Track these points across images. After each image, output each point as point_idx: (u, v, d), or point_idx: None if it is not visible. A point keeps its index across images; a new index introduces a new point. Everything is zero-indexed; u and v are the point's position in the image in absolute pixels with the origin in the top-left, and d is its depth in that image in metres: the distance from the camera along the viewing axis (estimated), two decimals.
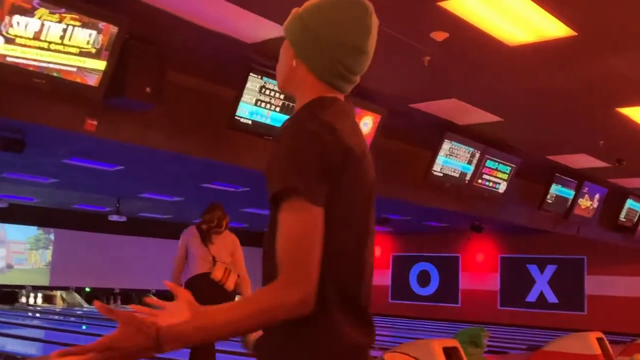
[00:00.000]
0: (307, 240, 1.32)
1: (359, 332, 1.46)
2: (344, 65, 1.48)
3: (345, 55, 1.48)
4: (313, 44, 1.46)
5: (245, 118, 7.38)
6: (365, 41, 1.49)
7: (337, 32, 1.46)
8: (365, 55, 1.51)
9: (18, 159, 9.03)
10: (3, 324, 13.41)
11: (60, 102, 6.59)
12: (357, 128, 1.51)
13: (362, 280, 1.46)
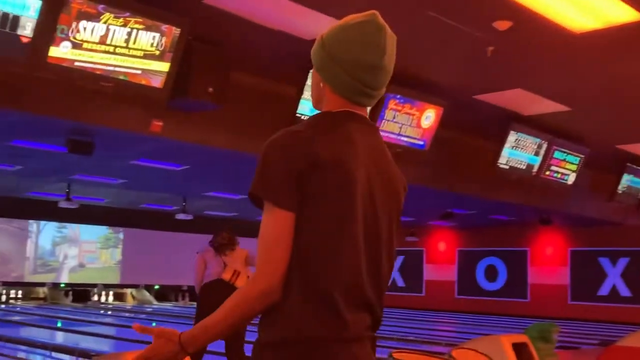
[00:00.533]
0: (272, 239, 1.48)
1: (325, 324, 1.49)
2: (362, 82, 1.59)
3: (363, 73, 1.58)
4: (332, 65, 1.59)
5: (307, 115, 7.40)
6: (380, 58, 1.58)
7: (352, 52, 1.57)
8: (382, 71, 1.60)
9: (88, 161, 9.29)
10: (76, 321, 13.87)
11: (126, 105, 6.75)
12: (359, 135, 1.58)
13: (341, 276, 1.50)
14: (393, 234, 1.65)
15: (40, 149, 9.00)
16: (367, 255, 1.56)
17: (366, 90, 1.61)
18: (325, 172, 1.49)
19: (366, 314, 1.58)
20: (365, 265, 1.55)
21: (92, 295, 18.96)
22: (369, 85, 1.60)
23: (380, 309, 1.64)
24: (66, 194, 13.14)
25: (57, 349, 8.80)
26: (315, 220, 1.49)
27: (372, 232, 1.57)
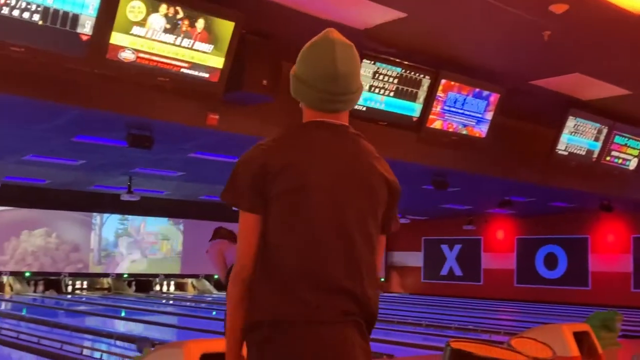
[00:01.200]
0: (241, 236, 1.77)
1: (290, 309, 1.67)
2: (327, 91, 1.82)
3: (324, 84, 1.82)
4: (301, 86, 1.88)
5: (359, 105, 7.40)
6: (333, 67, 1.81)
7: (311, 69, 1.85)
8: (339, 78, 1.81)
9: (148, 155, 9.52)
10: (139, 311, 14.24)
11: (183, 99, 6.89)
12: (321, 142, 1.80)
13: (302, 266, 1.69)
14: (369, 224, 1.78)
15: (102, 144, 9.26)
16: (336, 247, 1.71)
17: (332, 97, 1.83)
18: (277, 177, 1.72)
19: (340, 299, 1.69)
20: (332, 255, 1.70)
21: (154, 285, 19.42)
22: (333, 92, 1.82)
23: (363, 294, 1.73)
24: (128, 187, 13.48)
25: (121, 338, 9.06)
26: (274, 219, 1.72)
27: (338, 225, 1.72)
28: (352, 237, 1.74)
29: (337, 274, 1.70)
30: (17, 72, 5.91)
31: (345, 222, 1.74)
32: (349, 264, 1.72)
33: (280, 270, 1.70)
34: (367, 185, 1.80)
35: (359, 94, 1.90)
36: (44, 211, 17.06)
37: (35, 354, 7.63)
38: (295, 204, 1.72)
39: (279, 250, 1.71)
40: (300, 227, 1.71)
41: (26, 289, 17.24)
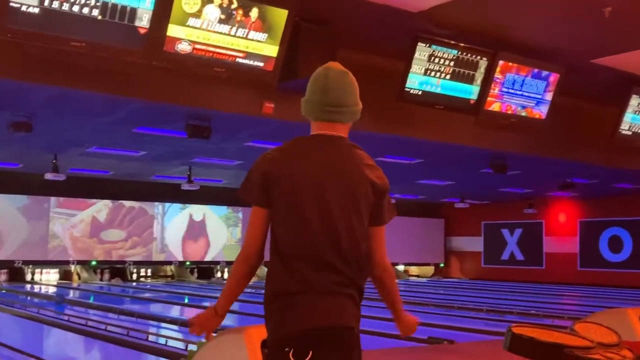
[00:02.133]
0: (250, 225, 2.24)
1: (292, 282, 2.15)
2: (320, 102, 2.24)
3: (318, 96, 2.24)
4: (305, 105, 2.30)
5: (415, 89, 7.33)
6: (325, 82, 2.24)
7: (311, 88, 2.28)
8: (330, 90, 2.24)
9: (206, 145, 9.66)
10: (202, 297, 14.52)
11: (239, 88, 6.96)
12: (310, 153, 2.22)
13: (299, 249, 2.15)
14: (351, 219, 2.17)
15: (161, 135, 9.45)
16: (323, 233, 2.14)
17: (325, 108, 2.24)
18: (276, 182, 2.17)
19: (329, 273, 2.14)
20: (321, 239, 2.14)
21: (215, 272, 19.76)
22: (325, 102, 2.24)
23: (349, 269, 2.16)
24: (187, 177, 13.72)
25: (185, 324, 9.26)
26: (276, 215, 2.19)
27: (325, 217, 2.15)
28: (336, 228, 2.15)
29: (325, 256, 2.13)
30: (78, 66, 6.08)
31: (330, 217, 2.16)
32: (334, 249, 2.14)
33: (284, 255, 2.17)
34: (351, 187, 2.19)
35: (354, 109, 2.30)
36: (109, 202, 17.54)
37: (102, 340, 7.87)
38: (290, 203, 2.17)
39: (281, 239, 2.19)
40: (295, 222, 2.17)
41: (93, 277, 17.79)
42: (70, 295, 14.55)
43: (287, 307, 2.14)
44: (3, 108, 7.66)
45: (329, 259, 2.14)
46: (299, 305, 2.12)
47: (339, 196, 2.17)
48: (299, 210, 2.16)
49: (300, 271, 2.14)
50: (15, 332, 9.07)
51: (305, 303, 2.12)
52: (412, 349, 7.27)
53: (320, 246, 2.15)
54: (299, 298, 2.13)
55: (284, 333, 2.12)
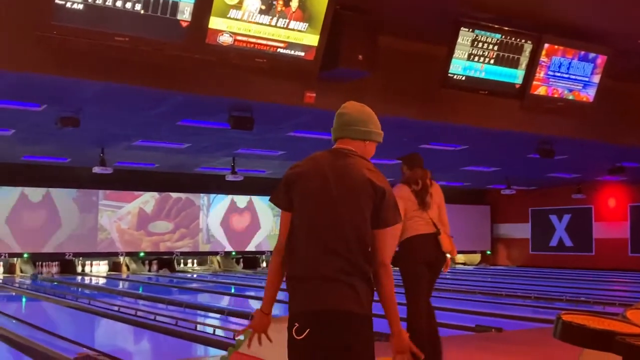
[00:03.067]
0: (280, 225, 2.63)
1: (300, 268, 2.49)
2: (336, 122, 2.73)
3: (336, 118, 2.73)
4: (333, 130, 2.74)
5: (459, 74, 7.24)
6: (343, 108, 2.74)
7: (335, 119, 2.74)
8: (345, 115, 2.72)
9: (249, 136, 9.72)
10: (248, 287, 14.66)
11: (280, 79, 6.97)
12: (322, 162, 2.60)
13: (307, 239, 2.49)
14: (355, 217, 2.48)
15: (205, 127, 9.54)
16: (329, 225, 2.47)
17: (338, 127, 2.71)
18: (293, 185, 2.56)
19: (333, 260, 2.43)
20: (327, 230, 2.47)
21: (260, 262, 19.93)
22: (340, 122, 2.71)
23: (352, 257, 2.44)
24: (231, 168, 13.84)
25: (232, 314, 9.37)
26: (295, 212, 2.56)
27: (330, 210, 2.49)
28: (340, 220, 2.47)
29: (330, 244, 2.45)
30: (122, 61, 6.16)
31: (335, 211, 2.49)
32: (338, 239, 2.45)
33: (297, 244, 2.53)
34: (353, 185, 2.52)
35: (363, 129, 2.70)
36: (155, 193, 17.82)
37: (152, 330, 8.01)
38: (302, 200, 2.54)
39: (296, 231, 2.55)
40: (306, 218, 2.52)
41: (141, 268, 18.12)
42: (120, 286, 14.85)
43: (294, 290, 2.50)
44: (51, 104, 7.83)
45: (333, 246, 2.44)
46: (302, 289, 2.46)
47: (343, 193, 2.50)
48: (309, 206, 2.52)
49: (307, 258, 2.48)
50: (67, 323, 9.31)
51: (308, 288, 2.45)
52: (459, 337, 7.22)
53: (325, 236, 2.46)
54: (303, 283, 2.46)
55: (290, 312, 2.48)
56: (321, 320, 2.39)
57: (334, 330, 2.38)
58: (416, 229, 5.08)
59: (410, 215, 5.09)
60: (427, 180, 5.22)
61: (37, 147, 12.26)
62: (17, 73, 6.19)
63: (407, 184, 5.20)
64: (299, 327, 2.40)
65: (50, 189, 16.42)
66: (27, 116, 8.66)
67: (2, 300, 12.59)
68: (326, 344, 2.37)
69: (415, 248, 5.05)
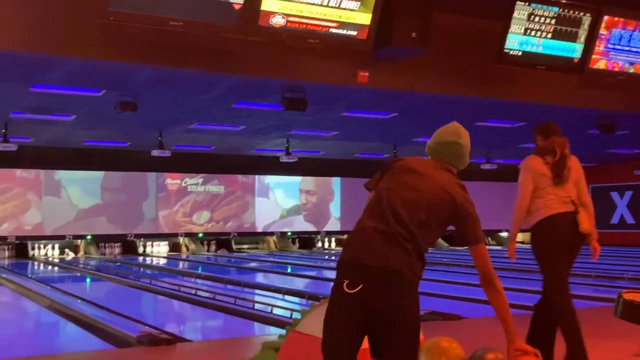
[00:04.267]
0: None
1: (349, 252, 2.52)
2: (447, 152, 2.82)
3: (447, 150, 2.82)
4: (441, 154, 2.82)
5: (515, 50, 7.10)
6: (455, 140, 2.85)
7: (436, 138, 2.85)
8: (457, 146, 2.84)
9: (302, 117, 9.76)
10: (304, 266, 14.79)
11: (333, 59, 6.96)
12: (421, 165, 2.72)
13: (375, 214, 2.57)
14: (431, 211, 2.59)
15: (259, 109, 9.61)
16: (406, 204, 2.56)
17: (454, 158, 2.82)
18: (391, 171, 2.68)
19: (401, 229, 2.48)
20: (402, 207, 2.54)
21: (316, 242, 20.06)
22: (456, 154, 2.82)
23: (418, 236, 2.51)
24: (286, 149, 13.92)
25: (289, 293, 9.47)
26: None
27: (411, 196, 2.56)
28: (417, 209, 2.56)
29: (403, 217, 2.52)
30: (177, 45, 6.25)
31: (416, 199, 2.57)
32: (412, 218, 2.53)
33: (362, 219, 2.62)
34: (439, 194, 2.62)
35: (466, 161, 2.86)
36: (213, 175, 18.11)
37: (211, 309, 8.17)
38: (389, 180, 2.67)
39: (364, 209, 2.68)
40: (376, 198, 2.64)
41: (200, 248, 18.47)
42: (180, 267, 15.18)
43: (347, 243, 2.57)
44: (110, 89, 8.01)
45: (405, 220, 2.51)
46: (365, 243, 2.48)
47: (428, 189, 2.59)
48: (394, 183, 2.62)
49: (366, 227, 2.53)
50: (130, 302, 9.58)
51: (371, 243, 2.47)
52: (519, 316, 7.14)
53: (401, 210, 2.52)
54: (367, 237, 2.49)
55: (340, 260, 2.53)
56: (376, 276, 2.40)
57: (386, 288, 2.40)
58: (550, 208, 4.44)
59: (542, 191, 4.47)
60: (566, 149, 4.56)
61: (98, 132, 12.58)
62: (78, 59, 6.35)
63: (541, 155, 4.56)
64: (351, 282, 2.40)
65: (111, 172, 16.86)
66: (87, 102, 8.89)
67: (68, 280, 13.04)
68: (376, 301, 2.38)
69: (550, 229, 4.42)
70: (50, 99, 8.69)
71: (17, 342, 6.59)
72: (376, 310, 2.37)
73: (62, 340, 6.88)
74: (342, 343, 2.40)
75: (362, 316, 2.38)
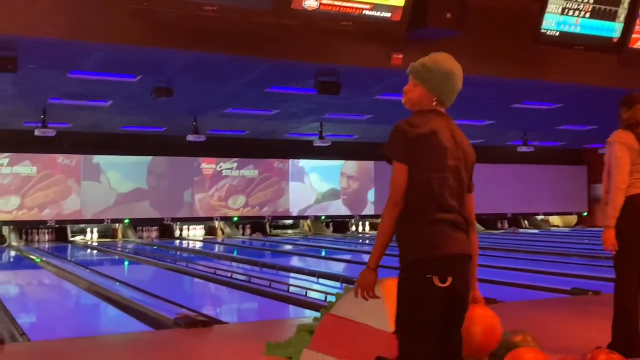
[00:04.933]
0: (398, 179, 2.52)
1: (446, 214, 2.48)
2: (449, 97, 2.61)
3: (451, 94, 2.61)
4: (436, 86, 2.60)
5: (553, 30, 6.97)
6: (460, 85, 2.62)
7: (448, 82, 2.60)
8: (456, 79, 2.61)
9: (336, 101, 9.74)
10: (338, 250, 14.83)
11: (367, 42, 6.91)
12: (445, 121, 2.56)
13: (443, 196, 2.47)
14: (467, 179, 2.56)
15: (293, 93, 9.62)
16: (453, 187, 2.49)
17: (448, 101, 2.61)
18: (420, 143, 2.47)
19: (453, 216, 2.47)
20: (452, 192, 2.48)
21: (350, 226, 20.08)
22: (451, 98, 2.62)
23: (464, 211, 2.52)
24: (319, 133, 13.92)
25: (324, 276, 9.51)
26: (424, 168, 2.48)
27: (456, 176, 2.50)
28: (460, 185, 2.53)
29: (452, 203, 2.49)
30: (210, 30, 6.28)
31: (459, 177, 2.53)
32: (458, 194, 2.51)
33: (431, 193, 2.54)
34: (469, 157, 2.58)
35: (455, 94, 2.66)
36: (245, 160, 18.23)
37: (247, 292, 8.26)
38: (435, 161, 2.51)
39: (425, 189, 2.54)
40: (437, 176, 2.50)
41: (235, 232, 18.63)
42: (216, 250, 15.34)
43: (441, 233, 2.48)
44: (145, 74, 8.09)
45: (454, 204, 2.48)
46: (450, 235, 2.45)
47: (463, 164, 2.55)
48: (443, 166, 2.49)
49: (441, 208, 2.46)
50: (167, 285, 9.72)
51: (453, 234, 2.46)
52: (556, 300, 7.07)
53: (453, 194, 2.49)
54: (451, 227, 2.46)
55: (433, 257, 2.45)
56: (462, 266, 2.46)
57: (467, 275, 2.50)
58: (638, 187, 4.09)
59: (633, 168, 4.10)
60: None
61: (134, 118, 12.74)
62: (114, 45, 6.42)
63: (630, 128, 4.22)
64: (440, 273, 2.38)
65: (149, 157, 17.07)
66: (123, 87, 9.00)
67: (107, 264, 13.29)
68: (463, 290, 2.47)
69: (635, 210, 4.07)
70: (87, 85, 8.82)
71: (59, 324, 6.75)
72: (463, 300, 2.53)
73: (102, 322, 7.02)
74: None
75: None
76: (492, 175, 19.50)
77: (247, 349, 4.39)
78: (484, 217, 20.55)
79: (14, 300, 8.10)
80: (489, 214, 20.27)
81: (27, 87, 8.98)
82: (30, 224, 16.29)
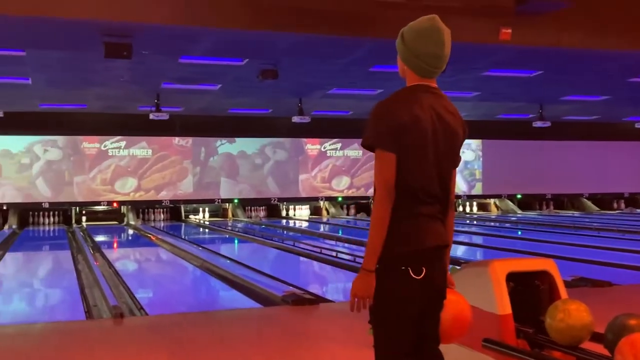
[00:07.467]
0: (387, 168, 2.37)
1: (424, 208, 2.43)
2: (431, 65, 2.48)
3: (431, 60, 2.48)
4: (412, 57, 2.51)
5: None
6: (441, 50, 2.47)
7: (425, 47, 2.48)
8: (442, 57, 2.48)
9: (441, 78, 9.52)
10: None
11: (474, 17, 6.74)
12: (427, 101, 2.46)
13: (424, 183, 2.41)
14: (450, 161, 2.49)
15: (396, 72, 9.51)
16: (436, 174, 2.42)
17: (433, 70, 2.48)
18: (405, 132, 2.37)
19: (432, 207, 2.42)
20: (434, 179, 2.42)
21: (457, 206, 19.80)
22: (435, 66, 2.48)
23: (447, 194, 2.48)
24: None
25: None
26: (409, 157, 2.38)
27: (438, 162, 2.43)
28: (442, 171, 2.45)
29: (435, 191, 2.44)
30: (313, 11, 6.31)
31: (440, 163, 2.45)
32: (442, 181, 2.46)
33: (411, 189, 2.45)
34: (454, 131, 2.51)
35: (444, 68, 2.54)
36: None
37: (351, 271, 8.30)
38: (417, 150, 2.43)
39: (410, 177, 2.45)
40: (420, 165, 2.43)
41: (340, 212, 18.78)
42: (321, 229, 15.54)
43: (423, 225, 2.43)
44: (252, 57, 8.25)
45: (436, 193, 2.43)
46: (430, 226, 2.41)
47: (447, 145, 2.47)
48: (423, 157, 2.41)
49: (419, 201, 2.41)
50: (274, 263, 9.94)
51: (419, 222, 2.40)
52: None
53: (433, 183, 2.43)
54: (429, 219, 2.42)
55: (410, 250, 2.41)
56: (438, 256, 2.42)
57: (443, 265, 2.46)
58: None
59: None
60: None
61: (241, 100, 13.04)
62: (221, 30, 6.59)
63: None
64: (416, 267, 2.33)
65: (256, 138, 17.46)
66: (231, 71, 9.22)
67: (218, 242, 13.75)
68: (439, 280, 2.43)
69: None
70: (197, 69, 9.10)
71: (173, 299, 7.06)
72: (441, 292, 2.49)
73: (213, 298, 7.28)
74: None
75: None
76: (606, 153, 18.61)
77: (353, 327, 4.42)
78: (599, 197, 19.66)
79: (132, 276, 8.54)
80: (604, 192, 19.39)
81: (140, 73, 9.38)
82: (147, 203, 17.08)
